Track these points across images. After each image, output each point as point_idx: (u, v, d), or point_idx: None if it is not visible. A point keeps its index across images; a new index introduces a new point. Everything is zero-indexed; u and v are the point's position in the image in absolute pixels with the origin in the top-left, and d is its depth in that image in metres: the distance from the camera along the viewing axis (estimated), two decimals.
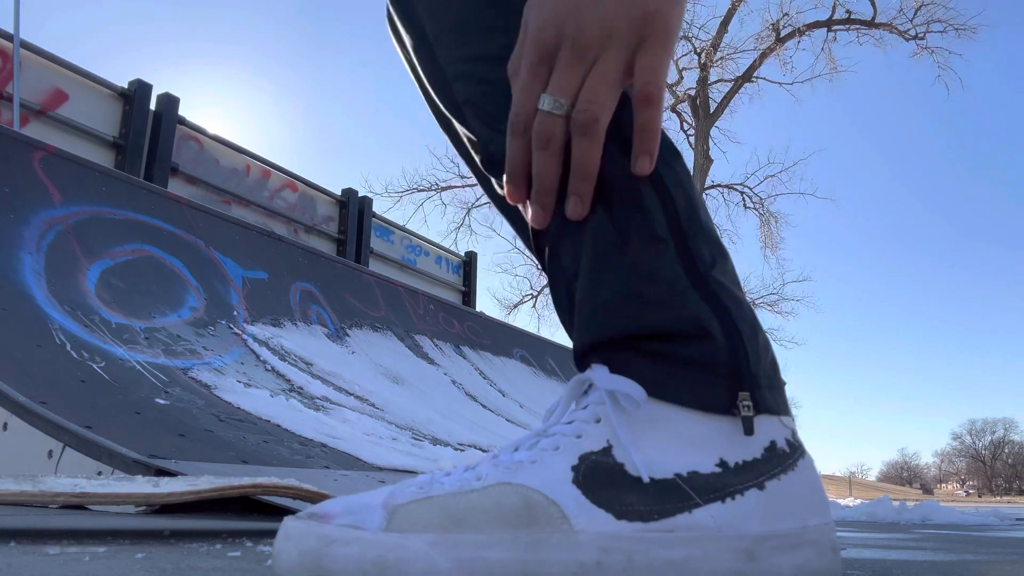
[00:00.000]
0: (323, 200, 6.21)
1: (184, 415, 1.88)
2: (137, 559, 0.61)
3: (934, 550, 0.99)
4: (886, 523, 2.10)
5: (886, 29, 15.77)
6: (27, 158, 2.75)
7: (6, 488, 0.76)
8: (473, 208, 16.50)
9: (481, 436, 3.15)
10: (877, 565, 0.73)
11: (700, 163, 16.94)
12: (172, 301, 2.80)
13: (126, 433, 1.51)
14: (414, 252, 7.20)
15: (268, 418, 2.18)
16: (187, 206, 3.45)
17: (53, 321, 2.13)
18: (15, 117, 3.70)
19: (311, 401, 2.62)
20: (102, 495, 0.79)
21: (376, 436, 2.48)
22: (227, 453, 1.66)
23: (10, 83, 3.83)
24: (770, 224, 17.18)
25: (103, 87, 4.52)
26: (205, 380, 2.31)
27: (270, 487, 0.89)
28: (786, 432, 0.56)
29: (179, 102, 4.89)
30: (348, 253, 6.10)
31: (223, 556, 0.65)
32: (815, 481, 0.55)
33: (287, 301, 3.61)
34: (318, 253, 4.52)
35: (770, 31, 16.01)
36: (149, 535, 0.82)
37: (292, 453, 1.89)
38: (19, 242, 2.39)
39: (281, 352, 3.03)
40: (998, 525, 2.19)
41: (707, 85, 16.98)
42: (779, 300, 17.38)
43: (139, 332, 2.40)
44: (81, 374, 1.89)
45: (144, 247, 2.93)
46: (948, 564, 0.79)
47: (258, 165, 5.60)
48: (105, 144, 4.45)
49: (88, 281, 2.49)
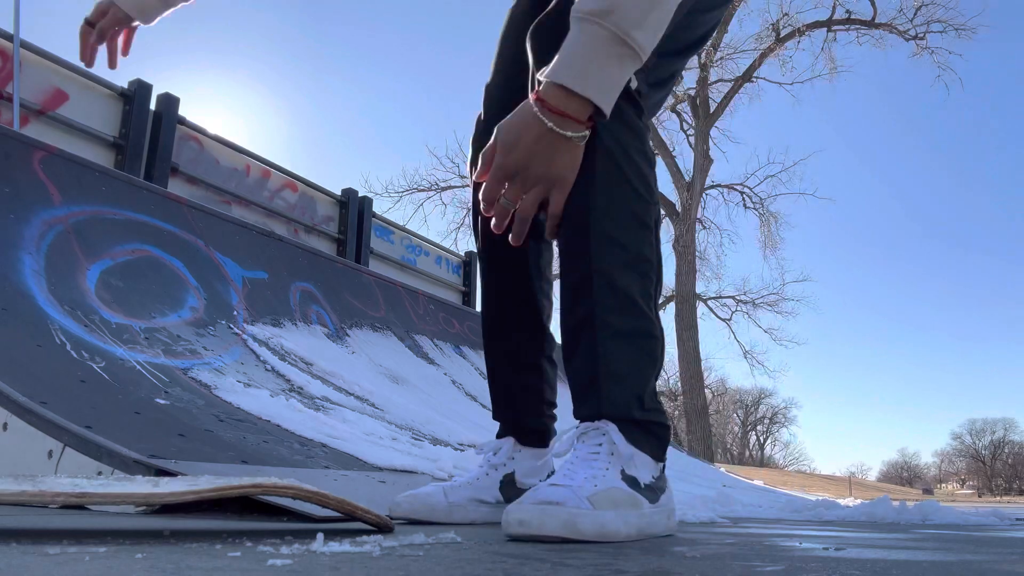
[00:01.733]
0: (323, 200, 6.21)
1: (184, 415, 1.88)
2: (137, 559, 0.61)
3: (934, 550, 0.99)
4: (886, 523, 2.09)
5: (886, 29, 15.78)
6: (27, 158, 2.75)
7: (6, 488, 0.76)
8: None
9: (481, 436, 3.15)
10: (877, 565, 0.73)
11: (700, 163, 16.93)
12: (172, 301, 2.80)
13: (126, 433, 1.51)
14: (414, 252, 7.20)
15: (268, 418, 2.18)
16: (187, 206, 3.45)
17: (53, 321, 2.13)
18: (15, 117, 3.70)
19: (311, 401, 2.62)
20: (102, 495, 0.79)
21: (376, 436, 2.48)
22: (227, 453, 1.66)
23: (10, 83, 3.83)
24: (770, 224, 17.21)
25: (103, 87, 4.51)
26: (205, 380, 2.32)
27: (270, 487, 0.89)
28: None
29: (179, 102, 4.89)
30: (348, 253, 6.10)
31: (223, 556, 0.65)
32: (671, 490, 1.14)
33: (287, 301, 3.61)
34: (318, 253, 4.52)
35: (770, 31, 16.02)
36: (149, 535, 0.82)
37: (292, 453, 1.89)
38: (19, 242, 2.39)
39: (281, 352, 3.03)
40: (998, 525, 2.19)
41: (707, 85, 16.99)
42: (779, 300, 17.41)
43: (139, 332, 2.40)
44: (81, 374, 1.89)
45: (144, 247, 2.93)
46: (948, 564, 0.78)
47: (258, 165, 5.60)
48: (105, 144, 4.45)
49: (88, 281, 2.49)
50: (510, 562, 0.69)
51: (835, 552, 0.88)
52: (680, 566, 0.69)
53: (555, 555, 0.76)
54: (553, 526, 0.89)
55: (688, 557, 0.78)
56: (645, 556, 0.77)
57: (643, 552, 0.82)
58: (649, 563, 0.71)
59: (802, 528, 1.64)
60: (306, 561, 0.63)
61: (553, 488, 0.93)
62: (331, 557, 0.67)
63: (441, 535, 0.89)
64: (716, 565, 0.71)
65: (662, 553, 0.81)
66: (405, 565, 0.63)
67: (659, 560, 0.74)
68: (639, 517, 0.99)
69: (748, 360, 18.44)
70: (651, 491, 1.05)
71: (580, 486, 0.94)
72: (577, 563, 0.69)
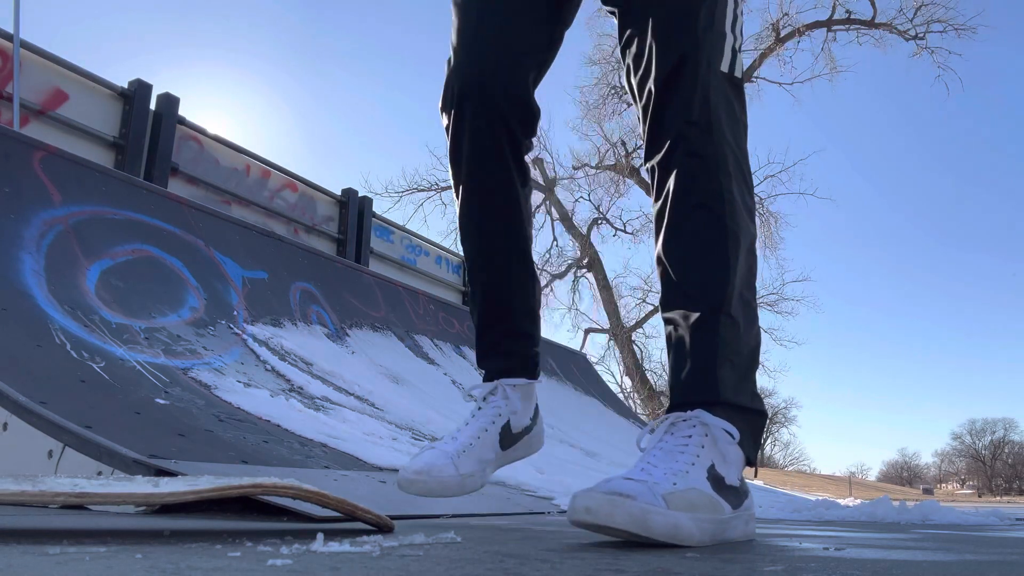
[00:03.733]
0: (323, 200, 6.20)
1: (184, 415, 1.88)
2: (137, 559, 0.61)
3: (934, 550, 0.99)
4: (886, 523, 2.09)
5: (886, 29, 15.76)
6: (27, 158, 2.75)
7: (6, 488, 0.76)
8: None
9: None
10: (877, 565, 0.73)
11: None
12: (172, 301, 2.80)
13: (126, 433, 1.51)
14: (414, 252, 7.20)
15: (268, 418, 2.18)
16: (187, 206, 3.45)
17: (53, 321, 2.13)
18: (15, 117, 3.70)
19: (311, 401, 2.62)
20: (102, 495, 0.79)
21: (376, 436, 2.48)
22: (227, 453, 1.66)
23: (10, 83, 3.83)
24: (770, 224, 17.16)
25: (103, 87, 4.51)
26: (205, 380, 2.31)
27: (270, 487, 0.89)
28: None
29: (179, 102, 4.89)
30: (348, 253, 6.10)
31: (223, 556, 0.65)
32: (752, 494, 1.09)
33: (287, 301, 3.61)
34: (318, 253, 4.52)
35: (770, 31, 15.99)
36: (149, 535, 0.82)
37: (292, 453, 1.89)
38: (19, 242, 2.39)
39: (281, 352, 3.03)
40: (998, 525, 2.18)
41: None
42: (779, 300, 17.36)
43: (139, 332, 2.40)
44: (81, 374, 1.89)
45: (144, 247, 2.93)
46: (948, 564, 0.78)
47: (258, 165, 5.60)
48: (105, 144, 4.45)
49: (88, 281, 2.49)
50: (510, 562, 0.69)
51: (835, 552, 0.88)
52: (680, 566, 0.69)
53: (555, 555, 0.76)
54: (622, 519, 0.85)
55: (688, 557, 0.78)
56: (645, 556, 0.77)
57: (643, 552, 0.82)
58: (649, 563, 0.71)
59: (802, 528, 1.64)
60: (306, 561, 0.63)
61: (627, 481, 0.89)
62: (331, 557, 0.67)
63: (441, 535, 0.89)
64: (716, 565, 0.71)
65: (663, 553, 0.81)
66: (405, 565, 0.63)
67: (659, 560, 0.74)
68: (716, 523, 0.93)
69: None
70: (735, 494, 0.99)
71: (657, 482, 0.90)
72: (577, 563, 0.69)
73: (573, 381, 6.24)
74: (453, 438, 1.28)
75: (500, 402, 1.32)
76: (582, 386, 6.29)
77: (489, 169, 1.28)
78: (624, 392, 16.03)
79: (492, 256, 1.34)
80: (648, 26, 1.15)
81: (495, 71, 1.24)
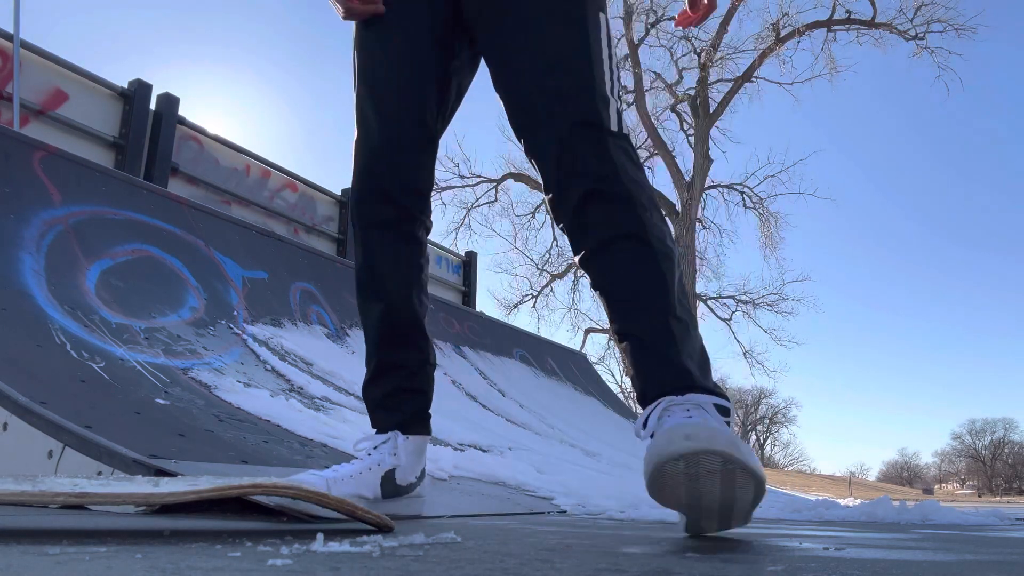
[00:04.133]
0: (323, 200, 6.20)
1: (184, 415, 1.88)
2: (137, 559, 0.61)
3: (934, 550, 0.99)
4: (886, 523, 2.09)
5: (886, 29, 15.76)
6: (27, 158, 2.75)
7: (6, 488, 0.76)
8: (473, 208, 16.50)
9: (481, 436, 3.15)
10: (877, 565, 0.73)
11: (700, 163, 16.92)
12: (172, 301, 2.80)
13: (126, 433, 1.51)
14: None
15: (268, 418, 2.18)
16: (187, 206, 3.45)
17: (53, 321, 2.13)
18: (15, 117, 3.70)
19: (311, 401, 2.62)
20: (102, 495, 0.79)
21: None
22: (227, 453, 1.66)
23: (10, 83, 3.83)
24: (770, 224, 17.16)
25: (103, 87, 4.51)
26: (205, 380, 2.31)
27: (270, 487, 0.89)
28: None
29: (179, 102, 4.89)
30: (348, 253, 6.10)
31: (223, 556, 0.65)
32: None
33: (287, 301, 3.61)
34: (318, 253, 4.52)
35: (770, 31, 15.99)
36: (149, 535, 0.82)
37: (292, 453, 1.89)
38: (19, 242, 2.39)
39: (281, 352, 3.03)
40: (998, 525, 2.18)
41: (707, 85, 16.97)
42: (779, 300, 17.37)
43: (139, 332, 2.40)
44: (81, 374, 1.89)
45: (144, 247, 2.93)
46: (948, 564, 0.78)
47: (258, 165, 5.60)
48: (105, 144, 4.45)
49: (88, 281, 2.49)
50: (510, 562, 0.69)
51: (835, 552, 0.88)
52: (680, 566, 0.69)
53: (555, 555, 0.76)
54: (722, 443, 0.93)
55: (688, 557, 0.78)
56: (645, 556, 0.77)
57: (644, 552, 0.82)
58: (649, 563, 0.71)
59: (802, 528, 1.64)
60: (306, 561, 0.63)
61: (698, 421, 1.02)
62: (331, 557, 0.67)
63: (441, 535, 0.89)
64: (716, 565, 0.71)
65: (663, 553, 0.81)
66: (405, 565, 0.63)
67: (659, 560, 0.74)
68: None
69: (748, 360, 18.38)
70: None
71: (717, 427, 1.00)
72: (577, 563, 0.69)
73: (573, 381, 6.24)
74: (333, 470, 1.35)
75: (387, 452, 1.38)
76: (582, 386, 6.29)
77: (385, 255, 1.43)
78: (624, 392, 16.04)
79: (389, 315, 1.45)
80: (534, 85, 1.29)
81: (395, 175, 1.40)
